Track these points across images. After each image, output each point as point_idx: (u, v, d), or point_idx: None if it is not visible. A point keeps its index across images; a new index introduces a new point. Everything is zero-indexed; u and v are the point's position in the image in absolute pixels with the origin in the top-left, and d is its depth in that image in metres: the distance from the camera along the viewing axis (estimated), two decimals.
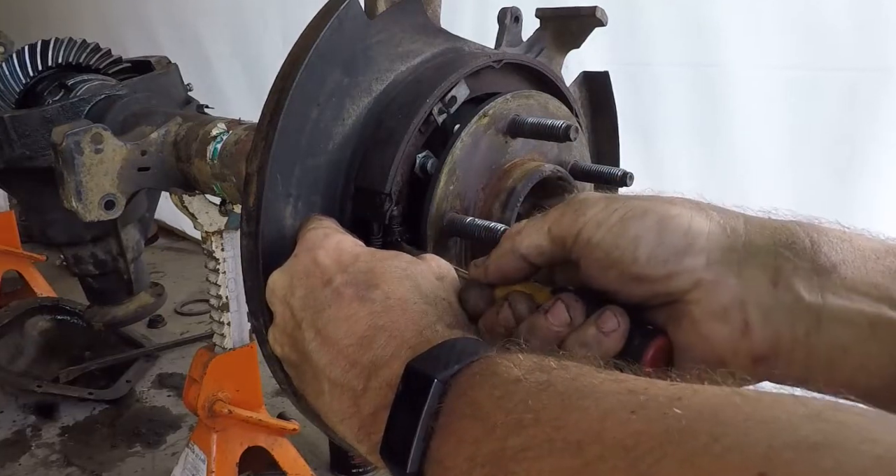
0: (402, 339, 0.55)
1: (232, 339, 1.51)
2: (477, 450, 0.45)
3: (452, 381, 0.49)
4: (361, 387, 0.55)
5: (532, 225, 0.62)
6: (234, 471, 1.60)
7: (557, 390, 0.45)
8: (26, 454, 2.28)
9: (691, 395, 0.40)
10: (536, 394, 0.45)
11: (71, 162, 1.19)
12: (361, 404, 0.55)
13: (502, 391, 0.47)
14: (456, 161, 0.74)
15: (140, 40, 3.99)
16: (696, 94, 2.20)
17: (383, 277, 0.59)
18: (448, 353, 0.52)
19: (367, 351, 0.55)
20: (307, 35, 0.70)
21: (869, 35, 1.85)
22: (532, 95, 0.83)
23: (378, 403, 0.53)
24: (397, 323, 0.56)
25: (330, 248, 0.63)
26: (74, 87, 1.60)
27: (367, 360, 0.55)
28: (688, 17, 2.16)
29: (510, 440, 0.43)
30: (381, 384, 0.54)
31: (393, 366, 0.54)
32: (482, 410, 0.46)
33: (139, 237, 1.74)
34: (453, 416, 0.48)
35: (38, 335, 2.67)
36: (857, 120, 1.92)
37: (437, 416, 0.48)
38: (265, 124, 0.68)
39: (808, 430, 0.34)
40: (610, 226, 0.57)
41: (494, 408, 0.46)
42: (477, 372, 0.49)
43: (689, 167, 2.24)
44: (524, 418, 0.44)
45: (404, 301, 0.58)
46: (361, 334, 0.56)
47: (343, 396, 0.56)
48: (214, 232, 1.40)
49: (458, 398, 0.48)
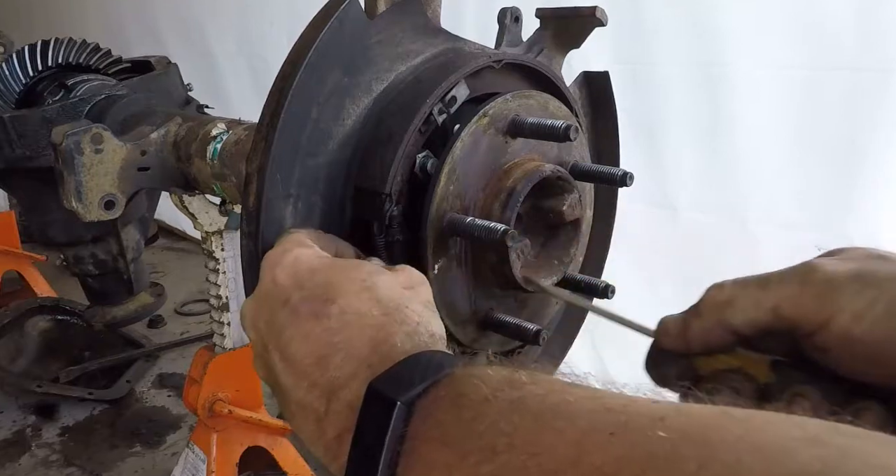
0: (359, 358, 0.53)
1: (232, 339, 1.51)
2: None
3: (418, 403, 0.47)
4: (323, 409, 0.53)
5: (748, 297, 0.56)
6: (234, 471, 1.59)
7: (530, 410, 0.42)
8: (26, 454, 2.28)
9: (675, 415, 0.37)
10: (508, 414, 0.43)
11: (71, 162, 1.19)
12: (325, 427, 0.52)
13: (472, 413, 0.44)
14: (456, 161, 0.74)
15: (145, 39, 3.99)
16: (699, 94, 2.20)
17: (340, 291, 0.57)
18: (411, 371, 0.49)
19: (324, 371, 0.53)
20: (307, 35, 0.70)
21: (871, 35, 1.85)
22: (532, 95, 0.82)
23: (340, 427, 0.51)
24: (353, 340, 0.54)
25: (287, 265, 0.60)
26: (74, 87, 1.60)
27: (325, 380, 0.53)
28: (691, 17, 2.16)
29: (483, 467, 0.41)
30: (342, 407, 0.51)
31: (352, 386, 0.51)
32: (451, 435, 0.44)
33: (139, 237, 1.74)
34: (420, 440, 0.45)
35: (38, 335, 2.68)
36: (859, 120, 1.92)
37: (402, 441, 0.46)
38: (265, 124, 0.68)
39: (806, 457, 0.31)
40: (875, 319, 0.51)
41: (465, 432, 0.43)
42: (444, 393, 0.47)
43: (692, 167, 2.24)
44: (497, 443, 0.41)
45: (361, 315, 0.55)
46: (319, 354, 0.54)
47: (308, 419, 0.54)
48: (214, 232, 1.40)
49: (423, 420, 0.46)
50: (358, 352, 0.53)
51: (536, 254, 0.86)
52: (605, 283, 0.87)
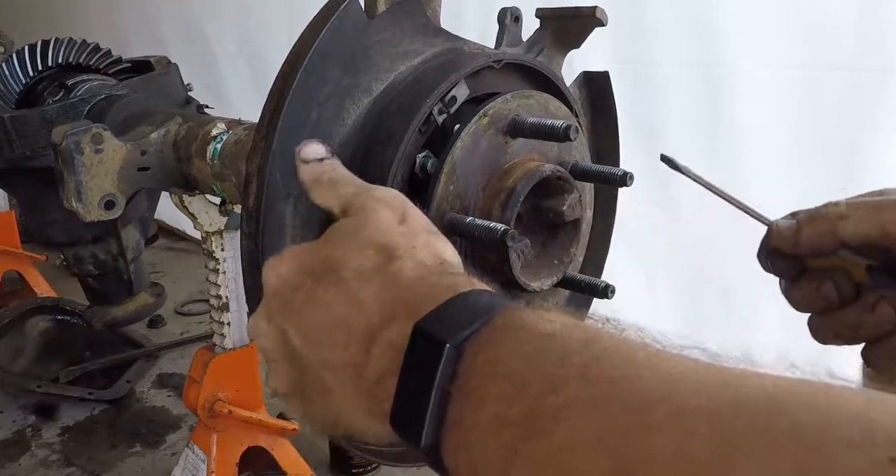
0: (393, 300, 0.51)
1: (232, 339, 1.51)
2: (506, 409, 0.40)
3: (468, 342, 0.44)
4: (363, 357, 0.51)
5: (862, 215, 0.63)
6: (234, 471, 1.59)
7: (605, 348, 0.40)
8: (26, 454, 2.28)
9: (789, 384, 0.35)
10: (579, 348, 0.40)
11: (71, 162, 1.19)
12: (366, 373, 0.50)
13: (534, 347, 0.42)
14: (456, 161, 0.74)
15: (145, 39, 3.99)
16: (699, 94, 2.20)
17: (345, 256, 0.55)
18: (459, 310, 0.47)
19: (357, 323, 0.52)
20: (307, 35, 0.70)
21: (871, 35, 1.85)
22: (532, 95, 0.82)
23: (382, 368, 0.49)
24: (380, 290, 0.52)
25: (286, 262, 0.60)
26: (74, 87, 1.60)
27: (360, 330, 0.51)
28: (691, 17, 2.16)
29: (548, 399, 0.38)
30: (384, 349, 0.49)
31: (392, 327, 0.50)
32: (510, 367, 0.41)
33: (139, 237, 1.74)
34: (473, 375, 0.43)
35: (38, 335, 2.67)
36: (859, 120, 1.92)
37: (452, 379, 0.44)
38: (265, 124, 0.68)
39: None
40: None
41: (525, 364, 0.41)
42: (501, 327, 0.44)
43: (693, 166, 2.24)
44: (566, 374, 0.38)
45: (377, 269, 0.54)
46: (347, 312, 0.53)
47: (347, 378, 0.52)
48: (214, 232, 1.40)
49: (475, 356, 0.44)
50: (391, 297, 0.52)
51: (536, 254, 0.86)
52: (605, 283, 0.87)
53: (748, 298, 2.05)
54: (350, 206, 0.60)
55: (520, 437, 0.38)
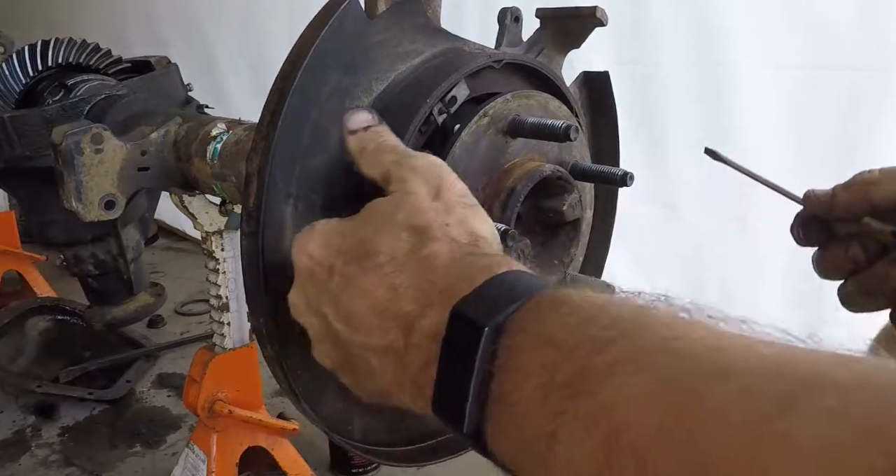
0: (429, 287, 0.51)
1: (232, 339, 1.51)
2: (552, 376, 0.39)
3: (509, 320, 0.44)
4: (403, 345, 0.51)
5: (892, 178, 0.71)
6: (234, 471, 1.59)
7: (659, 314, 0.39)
8: (26, 454, 2.28)
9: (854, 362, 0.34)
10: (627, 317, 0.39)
11: (71, 162, 1.19)
12: (407, 362, 0.51)
13: (579, 317, 0.41)
14: (456, 161, 0.74)
15: (145, 39, 3.99)
16: (700, 94, 2.20)
17: (379, 242, 0.56)
18: (497, 291, 0.47)
19: (395, 310, 0.52)
20: (307, 35, 0.70)
21: (873, 35, 1.85)
22: (532, 95, 0.82)
23: (424, 357, 0.49)
24: (414, 276, 0.53)
25: (316, 240, 0.60)
26: (74, 87, 1.60)
27: (399, 318, 0.52)
28: (692, 17, 2.16)
29: (596, 358, 0.37)
30: (422, 336, 0.50)
31: (430, 314, 0.50)
32: (554, 338, 0.41)
33: (139, 237, 1.74)
34: (515, 350, 0.42)
35: (38, 335, 2.67)
36: (860, 120, 1.92)
37: (493, 358, 0.43)
38: (265, 124, 0.68)
39: None
40: None
41: (573, 331, 0.40)
42: (541, 304, 0.44)
43: (692, 166, 2.24)
44: (613, 335, 0.38)
45: (410, 254, 0.54)
46: (386, 298, 0.53)
47: (390, 363, 0.52)
48: (214, 232, 1.40)
49: (516, 335, 0.43)
50: (426, 283, 0.52)
51: (536, 254, 0.86)
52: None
53: (748, 298, 2.05)
54: (389, 176, 0.61)
55: (566, 397, 0.38)
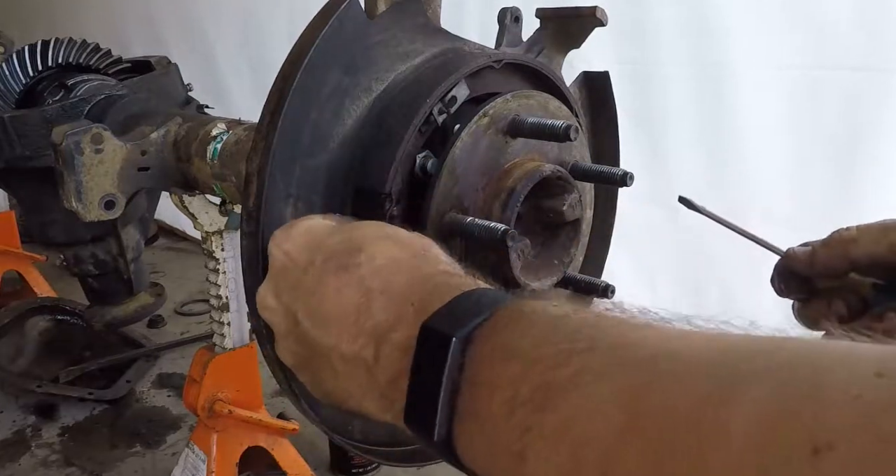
0: (401, 298, 0.51)
1: (232, 339, 1.51)
2: (516, 391, 0.40)
3: (475, 333, 0.45)
4: (372, 356, 0.51)
5: (871, 236, 0.69)
6: (234, 471, 1.59)
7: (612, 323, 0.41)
8: (26, 454, 2.28)
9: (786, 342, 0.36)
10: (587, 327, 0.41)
11: (71, 162, 1.19)
12: (376, 374, 0.50)
13: (542, 329, 0.42)
14: (456, 161, 0.74)
15: (146, 39, 3.99)
16: (699, 94, 2.20)
17: (363, 241, 0.56)
18: (465, 307, 0.47)
19: (367, 317, 0.52)
20: (307, 35, 0.70)
21: (873, 35, 1.85)
22: (532, 95, 0.82)
23: (394, 370, 0.49)
24: (390, 283, 0.53)
25: (298, 236, 0.60)
26: (74, 87, 1.60)
27: (370, 326, 0.51)
28: (692, 17, 2.16)
29: (559, 371, 0.38)
30: (393, 350, 0.50)
31: (400, 328, 0.50)
32: (518, 350, 0.42)
33: (139, 237, 1.74)
34: (481, 364, 0.43)
35: (38, 335, 2.67)
36: (860, 119, 1.92)
37: (461, 370, 0.44)
38: (265, 124, 0.68)
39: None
40: None
41: (535, 344, 0.41)
42: (506, 318, 0.45)
43: (692, 166, 2.24)
44: (575, 347, 0.39)
45: (392, 259, 0.54)
46: (357, 302, 0.52)
47: (357, 370, 0.52)
48: (214, 232, 1.40)
49: (483, 345, 0.44)
50: (398, 293, 0.52)
51: (536, 254, 0.86)
52: (605, 283, 0.87)
53: (748, 298, 2.05)
54: None
55: (532, 411, 0.39)
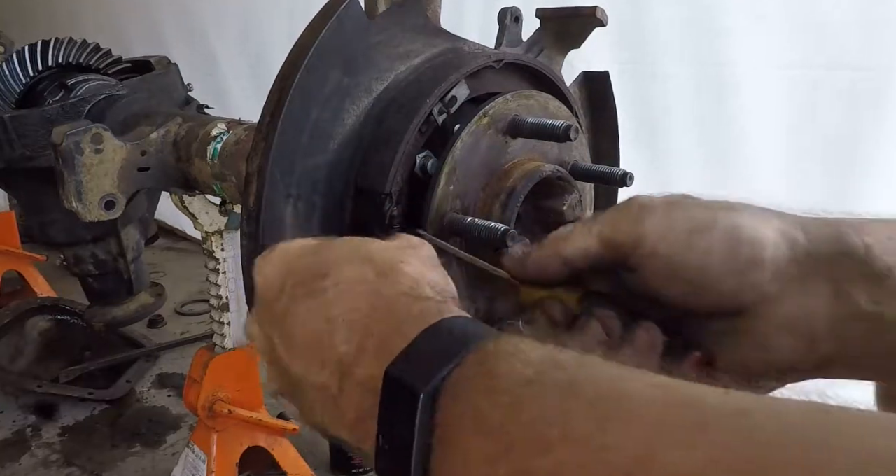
0: (362, 328, 0.49)
1: (232, 339, 1.51)
2: (493, 472, 0.38)
3: (444, 384, 0.42)
4: (336, 388, 0.49)
5: (580, 229, 0.61)
6: (234, 471, 1.60)
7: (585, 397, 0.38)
8: (26, 454, 2.28)
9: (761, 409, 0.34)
10: (558, 401, 0.39)
11: (71, 162, 1.19)
12: (343, 408, 0.49)
13: (511, 397, 0.40)
14: (456, 161, 0.74)
15: (146, 39, 3.99)
16: (700, 94, 2.20)
17: (331, 264, 0.54)
18: (431, 348, 0.45)
19: (330, 349, 0.50)
20: (307, 35, 0.70)
21: (873, 34, 1.85)
22: (532, 95, 0.82)
23: (358, 408, 0.47)
24: (352, 311, 0.50)
25: (273, 260, 0.58)
26: (75, 87, 1.60)
27: (334, 358, 0.49)
28: (692, 17, 2.16)
29: (536, 462, 0.37)
30: (355, 386, 0.48)
31: (363, 362, 0.48)
32: (489, 422, 0.40)
33: (139, 237, 1.74)
34: (452, 427, 0.41)
35: (38, 335, 2.67)
36: (859, 119, 1.92)
37: (432, 432, 0.42)
38: (265, 124, 0.68)
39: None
40: (676, 237, 0.56)
41: (505, 419, 0.39)
42: (474, 373, 0.43)
43: (692, 166, 2.24)
44: (549, 434, 0.37)
45: (355, 282, 0.52)
46: (320, 330, 0.51)
47: (326, 401, 0.50)
48: (214, 232, 1.40)
49: (453, 403, 0.42)
50: (360, 322, 0.50)
51: None
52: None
53: None
54: None
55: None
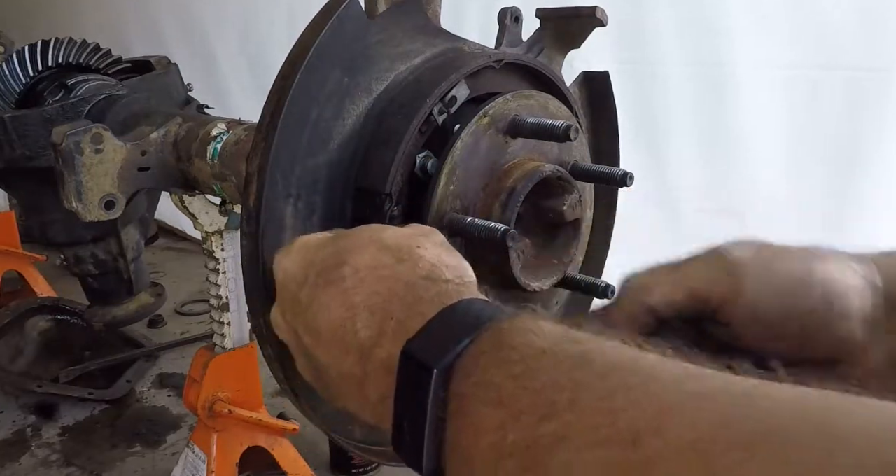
0: (383, 313, 0.51)
1: (232, 339, 1.51)
2: (502, 438, 0.39)
3: (458, 361, 0.43)
4: (360, 372, 0.51)
5: (665, 280, 0.63)
6: (234, 471, 1.59)
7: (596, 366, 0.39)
8: (26, 454, 2.28)
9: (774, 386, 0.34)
10: (568, 370, 0.39)
11: (71, 162, 1.19)
12: (366, 392, 0.51)
13: (523, 367, 0.41)
14: (456, 161, 0.74)
15: (146, 39, 3.99)
16: (700, 94, 2.21)
17: (348, 252, 0.56)
18: (447, 326, 0.46)
19: (353, 334, 0.51)
20: (307, 35, 0.70)
21: (872, 35, 1.85)
22: (532, 95, 0.82)
23: (381, 389, 0.49)
24: (372, 296, 0.52)
25: (295, 253, 0.60)
26: (74, 87, 1.60)
27: (356, 343, 0.51)
28: (692, 17, 2.16)
29: (543, 427, 0.37)
30: (377, 368, 0.49)
31: (383, 344, 0.49)
32: (501, 392, 0.41)
33: (139, 237, 1.74)
34: (465, 399, 0.42)
35: (38, 335, 2.67)
36: (860, 119, 1.92)
37: (445, 405, 0.43)
38: (265, 124, 0.68)
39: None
40: (775, 295, 0.59)
41: (517, 388, 0.40)
42: (488, 347, 0.43)
43: (692, 166, 2.24)
44: (557, 400, 0.38)
45: (374, 268, 0.54)
46: (343, 318, 0.52)
47: (351, 387, 0.52)
48: (214, 232, 1.40)
49: (467, 378, 0.43)
50: (379, 307, 0.51)
51: (536, 254, 0.86)
52: (605, 283, 0.87)
53: None
54: None
55: (520, 469, 0.38)
